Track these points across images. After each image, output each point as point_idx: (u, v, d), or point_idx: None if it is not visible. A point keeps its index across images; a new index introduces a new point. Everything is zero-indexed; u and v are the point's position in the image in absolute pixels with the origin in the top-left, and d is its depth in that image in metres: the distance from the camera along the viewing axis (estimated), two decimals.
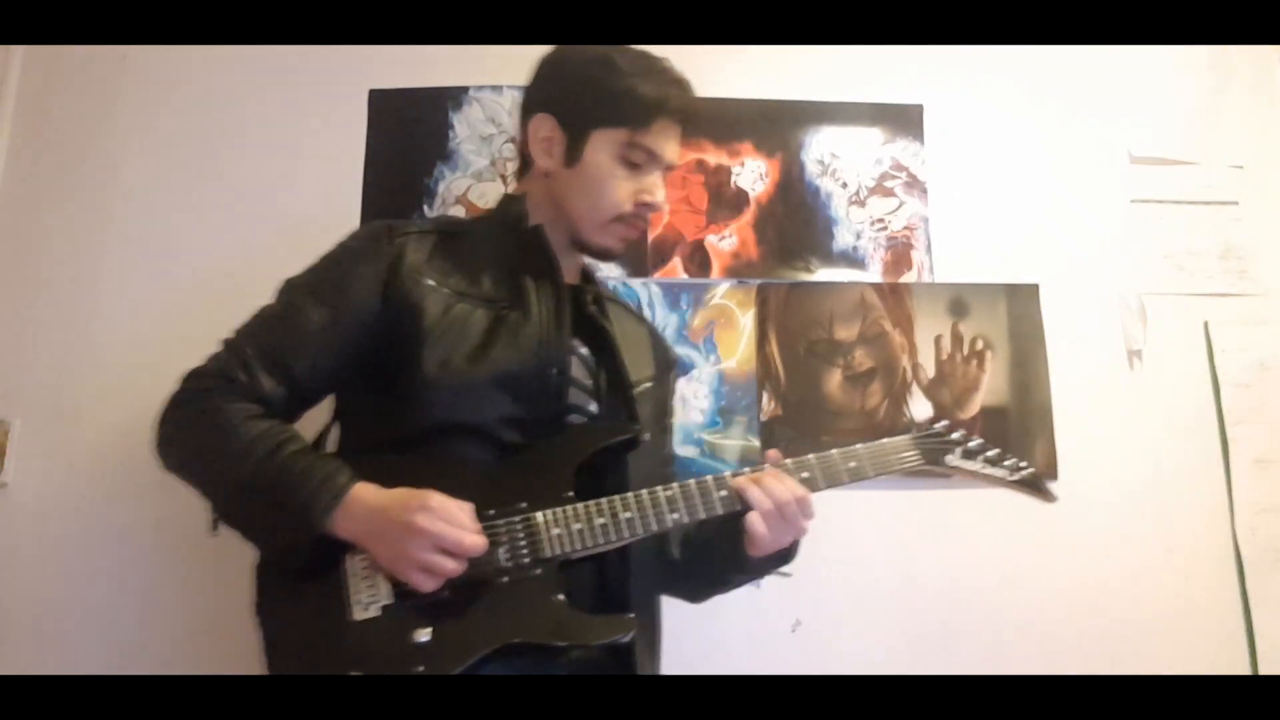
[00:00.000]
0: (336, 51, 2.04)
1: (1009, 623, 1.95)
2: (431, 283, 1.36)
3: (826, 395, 2.02)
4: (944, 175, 2.15)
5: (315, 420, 1.44)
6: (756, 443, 1.97)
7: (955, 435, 1.45)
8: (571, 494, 1.28)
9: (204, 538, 1.78)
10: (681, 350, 2.01)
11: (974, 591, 1.96)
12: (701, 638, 1.90)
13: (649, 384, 1.52)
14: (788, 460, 1.37)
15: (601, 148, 1.41)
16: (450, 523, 1.17)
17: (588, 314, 1.47)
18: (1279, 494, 2.04)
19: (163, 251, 1.96)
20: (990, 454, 1.45)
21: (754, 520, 1.30)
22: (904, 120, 2.17)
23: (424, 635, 1.17)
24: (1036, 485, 1.47)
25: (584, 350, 1.44)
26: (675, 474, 1.61)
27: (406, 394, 1.29)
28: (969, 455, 1.44)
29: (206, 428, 1.27)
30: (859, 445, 1.40)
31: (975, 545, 1.97)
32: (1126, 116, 2.22)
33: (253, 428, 1.25)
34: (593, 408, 1.41)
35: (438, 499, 1.19)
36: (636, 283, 2.03)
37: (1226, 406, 2.07)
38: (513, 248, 1.44)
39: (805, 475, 1.36)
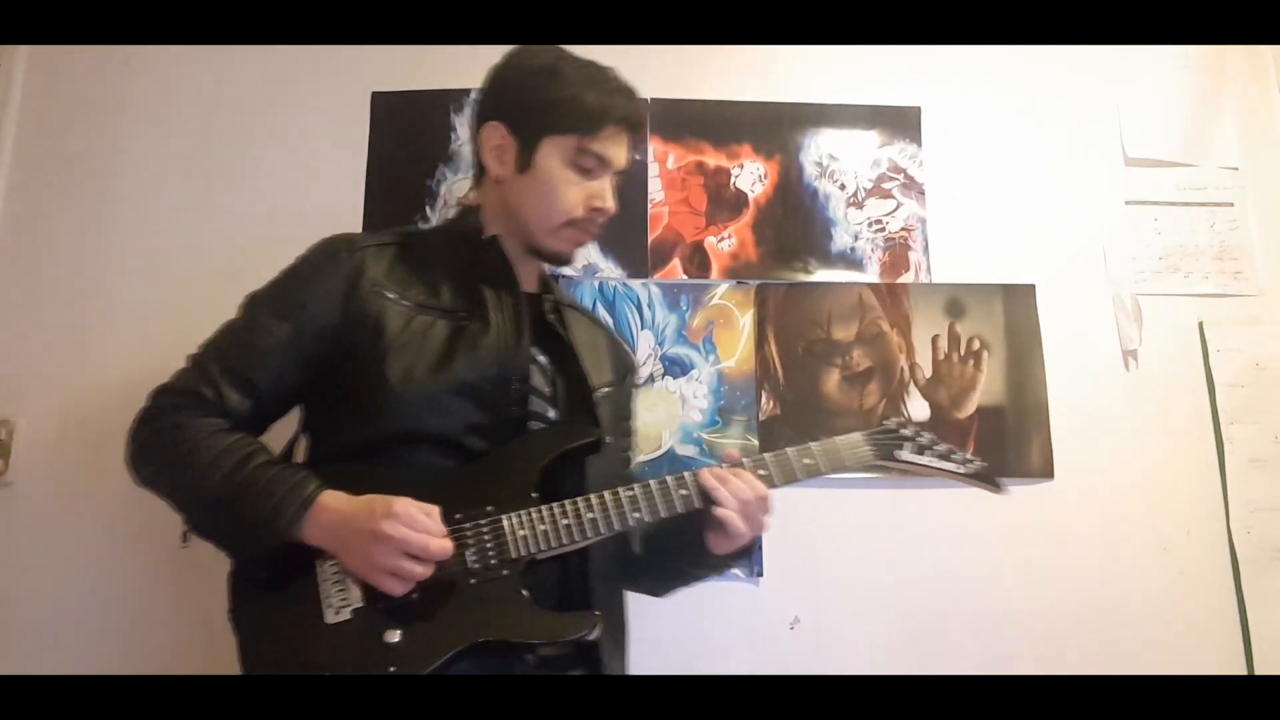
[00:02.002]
0: (339, 53, 2.05)
1: (1006, 621, 1.96)
2: (391, 295, 1.38)
3: (825, 395, 2.03)
4: (941, 177, 2.16)
5: (283, 432, 1.45)
6: (755, 442, 1.99)
7: (906, 431, 1.48)
8: (536, 496, 1.31)
9: None
10: (681, 350, 2.02)
11: (971, 590, 1.97)
12: (700, 636, 1.92)
13: (608, 388, 1.54)
14: (746, 459, 1.40)
15: (552, 154, 1.42)
16: (415, 528, 1.19)
17: (546, 322, 1.50)
18: (1274, 493, 2.05)
19: (166, 251, 1.97)
20: (940, 449, 1.48)
21: (729, 517, 1.33)
22: (901, 122, 2.18)
23: (395, 636, 1.20)
24: (987, 478, 1.49)
25: (542, 358, 1.46)
26: (634, 475, 1.64)
27: (371, 405, 1.31)
28: (920, 450, 1.47)
29: (175, 443, 1.29)
30: (813, 443, 1.42)
31: (972, 544, 1.98)
32: (1122, 118, 2.23)
33: (219, 441, 1.28)
34: (551, 414, 1.43)
35: (403, 504, 1.20)
36: (636, 283, 2.04)
37: (1221, 406, 2.08)
38: (471, 258, 1.47)
39: (762, 473, 1.39)
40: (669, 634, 1.91)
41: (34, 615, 1.82)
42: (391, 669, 1.19)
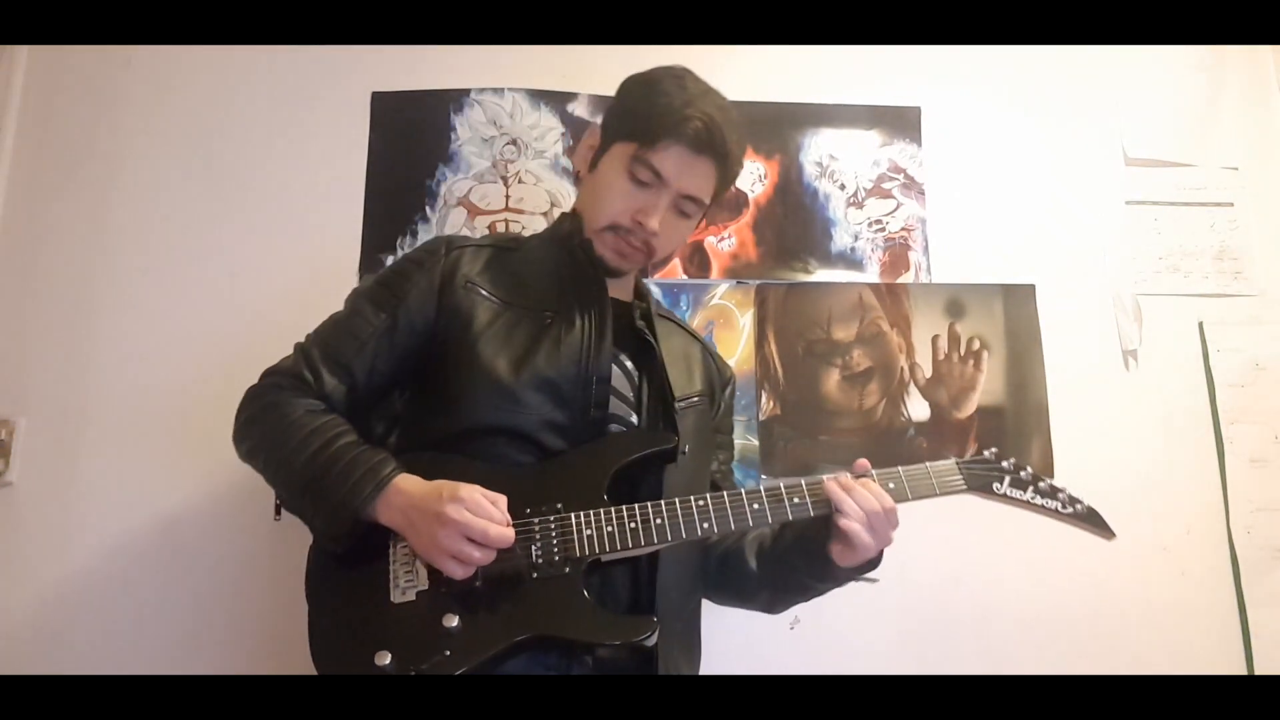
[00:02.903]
0: (339, 53, 2.05)
1: (1006, 621, 1.96)
2: (483, 291, 1.43)
3: (825, 395, 2.03)
4: (941, 177, 2.17)
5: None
6: (755, 442, 1.99)
7: (1005, 464, 1.42)
8: (606, 498, 1.31)
9: (208, 537, 1.82)
10: None
11: (971, 590, 1.97)
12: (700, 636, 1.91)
13: (696, 399, 1.53)
14: (874, 470, 1.37)
15: (615, 158, 1.46)
16: (478, 514, 1.21)
17: (635, 328, 1.49)
18: (1274, 493, 2.05)
19: (166, 251, 1.97)
20: (1043, 486, 1.41)
21: (854, 529, 1.30)
22: (901, 122, 2.18)
23: (453, 621, 1.21)
24: (1098, 522, 1.42)
25: (629, 364, 1.46)
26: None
27: (454, 396, 1.36)
28: (1019, 485, 1.41)
29: (272, 420, 1.35)
30: (899, 468, 1.38)
31: (972, 544, 1.98)
32: (1122, 118, 2.23)
33: (312, 421, 1.33)
34: (634, 419, 1.44)
35: (468, 490, 1.23)
36: None
37: (1221, 406, 2.08)
38: (563, 261, 1.49)
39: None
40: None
41: (35, 616, 1.81)
42: (446, 653, 1.20)
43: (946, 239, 2.13)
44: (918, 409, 2.04)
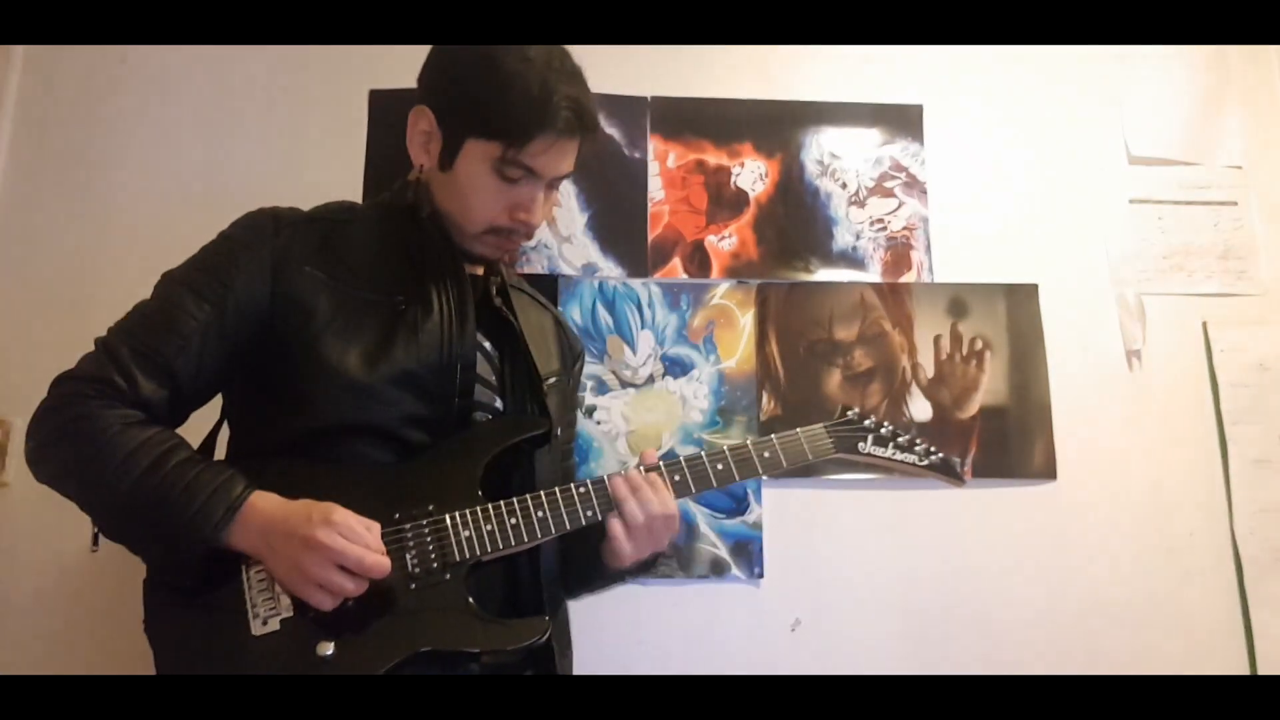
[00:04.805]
0: (337, 52, 2.04)
1: (1008, 622, 1.95)
2: (323, 277, 1.28)
3: (826, 395, 2.02)
4: (943, 175, 2.16)
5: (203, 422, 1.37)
6: None
7: (867, 422, 1.44)
8: (481, 494, 1.24)
9: None
10: (681, 350, 2.01)
11: (973, 591, 1.96)
12: (701, 638, 1.91)
13: (555, 378, 1.45)
14: (663, 463, 1.33)
15: (475, 158, 1.29)
16: (352, 539, 1.11)
17: (493, 306, 1.40)
18: (1278, 494, 2.04)
19: (162, 251, 1.91)
20: (901, 440, 1.44)
21: (617, 534, 1.27)
22: (903, 120, 2.17)
23: (328, 649, 1.12)
24: (948, 470, 1.44)
25: (487, 344, 1.37)
26: (575, 468, 1.64)
27: (302, 395, 1.23)
28: (880, 442, 1.43)
29: (81, 438, 1.17)
30: (774, 435, 1.39)
31: (975, 545, 1.98)
32: (1125, 117, 2.22)
33: (133, 437, 1.16)
34: (498, 404, 1.35)
35: (341, 514, 1.13)
36: (636, 283, 2.03)
37: (1225, 407, 2.07)
38: (411, 236, 1.36)
39: (719, 467, 1.33)
40: (670, 635, 1.91)
41: (33, 617, 1.81)
42: None
43: (949, 238, 2.12)
44: (920, 409, 2.03)
